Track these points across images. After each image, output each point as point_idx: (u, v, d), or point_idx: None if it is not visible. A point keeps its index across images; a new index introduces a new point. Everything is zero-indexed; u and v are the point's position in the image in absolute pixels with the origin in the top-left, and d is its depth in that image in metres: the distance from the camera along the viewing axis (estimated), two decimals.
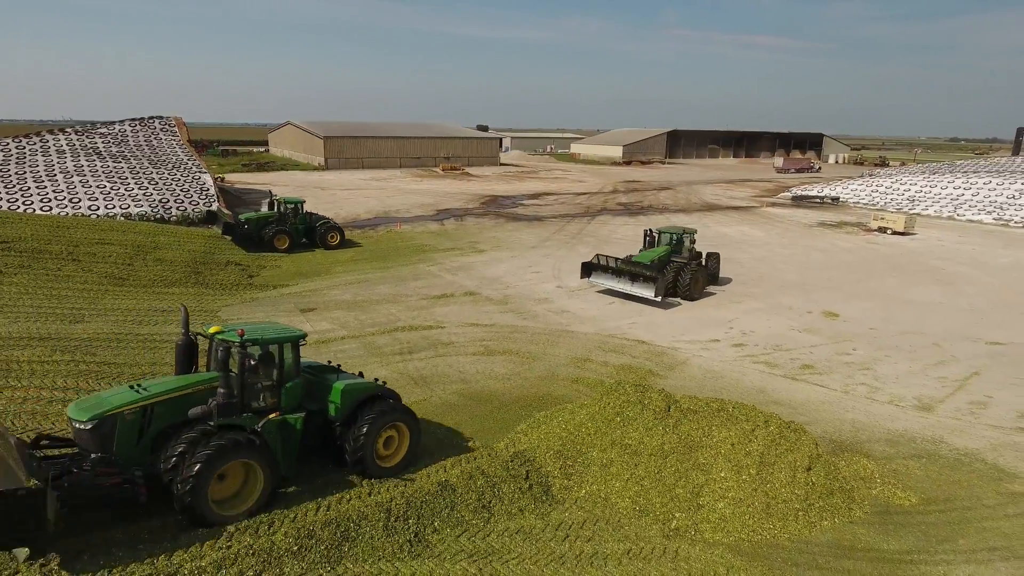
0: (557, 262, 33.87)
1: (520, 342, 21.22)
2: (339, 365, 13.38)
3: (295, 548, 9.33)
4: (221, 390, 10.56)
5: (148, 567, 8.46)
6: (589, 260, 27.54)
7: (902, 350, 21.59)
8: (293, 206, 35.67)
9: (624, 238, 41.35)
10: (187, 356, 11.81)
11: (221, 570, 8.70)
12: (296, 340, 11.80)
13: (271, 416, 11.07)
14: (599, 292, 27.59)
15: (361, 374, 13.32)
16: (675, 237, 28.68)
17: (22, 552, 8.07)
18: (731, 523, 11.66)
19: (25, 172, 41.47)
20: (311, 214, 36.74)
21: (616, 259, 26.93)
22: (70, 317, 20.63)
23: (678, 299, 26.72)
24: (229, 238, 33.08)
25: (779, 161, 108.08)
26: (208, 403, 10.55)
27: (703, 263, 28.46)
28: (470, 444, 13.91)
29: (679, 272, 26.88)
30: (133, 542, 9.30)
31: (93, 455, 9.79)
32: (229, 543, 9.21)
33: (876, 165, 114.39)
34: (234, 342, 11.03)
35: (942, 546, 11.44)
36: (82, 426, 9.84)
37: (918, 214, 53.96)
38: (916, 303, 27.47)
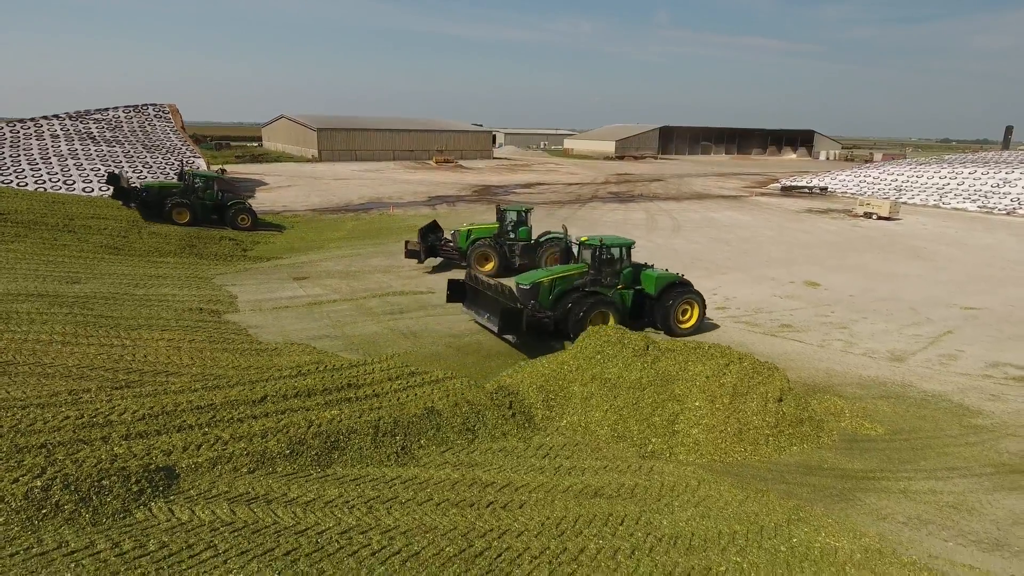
0: None
1: None
2: (653, 265, 20.29)
3: (287, 452, 9.82)
4: (591, 272, 18.46)
5: (146, 460, 8.92)
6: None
7: (879, 313, 22.24)
8: (204, 180, 33.83)
9: (612, 222, 41.95)
10: (566, 255, 19.68)
11: (216, 466, 9.18)
12: (630, 245, 19.15)
13: (619, 288, 18.72)
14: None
15: (667, 270, 19.71)
16: (507, 214, 26.41)
17: (510, 337, 16.70)
18: (704, 446, 12.24)
19: (20, 155, 41.72)
20: (226, 191, 35.37)
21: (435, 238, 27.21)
22: (67, 279, 21.04)
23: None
24: (120, 203, 31.40)
25: (878, 156, 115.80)
26: (584, 278, 18.32)
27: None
28: (456, 381, 14.41)
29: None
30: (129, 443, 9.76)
31: (532, 302, 17.39)
32: (225, 446, 9.69)
33: (866, 161, 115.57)
34: (596, 245, 18.48)
35: (904, 466, 12.04)
36: (525, 287, 17.65)
37: (904, 202, 54.86)
38: (896, 275, 28.15)
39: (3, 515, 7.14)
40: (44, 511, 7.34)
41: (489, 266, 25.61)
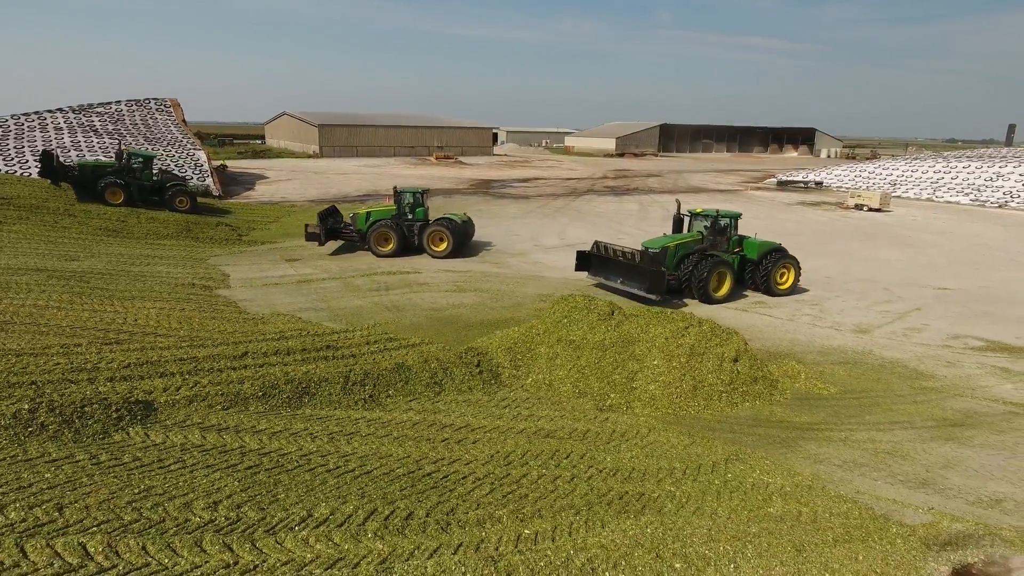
0: (537, 228, 35.16)
1: (491, 283, 22.47)
2: (756, 234, 23.48)
3: (260, 394, 10.57)
4: (710, 238, 21.57)
5: (127, 395, 9.67)
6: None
7: (853, 292, 22.86)
8: (142, 160, 32.68)
9: (606, 212, 42.64)
10: (678, 224, 22.43)
11: (192, 403, 9.93)
12: (737, 217, 22.27)
13: (735, 251, 21.93)
14: (567, 246, 28.88)
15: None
16: (404, 196, 27.14)
17: (651, 296, 19.37)
18: (660, 401, 12.89)
19: (23, 147, 42.68)
20: (166, 172, 34.93)
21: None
22: (66, 257, 21.87)
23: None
24: (48, 181, 31.15)
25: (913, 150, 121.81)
26: (703, 244, 21.43)
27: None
28: (432, 346, 15.12)
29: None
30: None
31: (664, 267, 20.04)
32: (204, 387, 10.44)
33: (867, 159, 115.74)
34: (712, 216, 21.72)
35: (850, 420, 12.69)
36: (654, 251, 20.21)
37: (898, 196, 55.35)
38: (876, 260, 28.74)
39: None
40: (31, 429, 8.10)
41: (390, 246, 26.57)
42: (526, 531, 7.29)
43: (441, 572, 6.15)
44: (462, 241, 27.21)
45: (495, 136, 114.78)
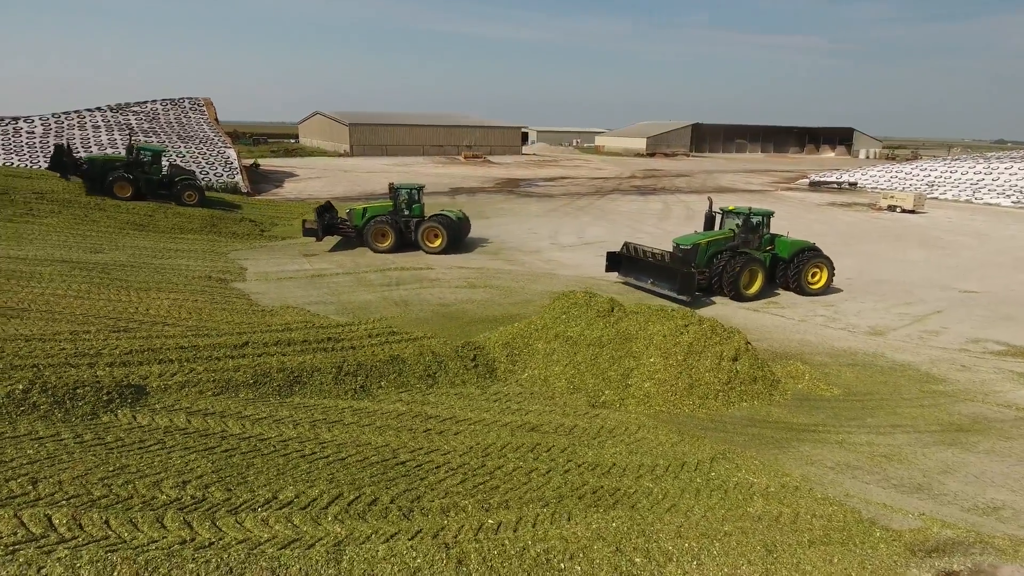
0: (557, 226, 35.09)
1: (503, 280, 22.52)
2: (788, 232, 22.96)
3: (251, 382, 10.81)
4: (741, 235, 21.46)
5: (121, 379, 9.99)
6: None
7: (872, 294, 22.27)
8: (151, 154, 32.89)
9: (628, 211, 42.32)
10: (710, 222, 22.46)
11: (184, 388, 10.21)
12: (769, 215, 22.15)
13: (768, 249, 21.90)
14: (584, 244, 28.76)
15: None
16: (401, 192, 27.37)
17: (682, 297, 19.21)
18: (654, 398, 12.79)
19: (63, 144, 44.26)
20: (175, 166, 35.31)
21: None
22: (91, 249, 22.66)
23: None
24: (57, 175, 31.49)
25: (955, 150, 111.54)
26: (735, 240, 21.35)
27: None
28: (434, 340, 15.22)
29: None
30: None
31: (694, 264, 20.42)
32: (199, 373, 10.72)
33: (907, 160, 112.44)
34: (744, 213, 21.66)
35: (850, 422, 12.38)
36: (687, 247, 20.74)
37: (935, 198, 53.68)
38: (902, 261, 27.95)
39: None
40: (22, 408, 8.45)
41: (387, 242, 26.75)
42: (489, 521, 7.32)
43: (391, 556, 6.23)
44: (456, 237, 27.32)
45: (525, 136, 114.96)
